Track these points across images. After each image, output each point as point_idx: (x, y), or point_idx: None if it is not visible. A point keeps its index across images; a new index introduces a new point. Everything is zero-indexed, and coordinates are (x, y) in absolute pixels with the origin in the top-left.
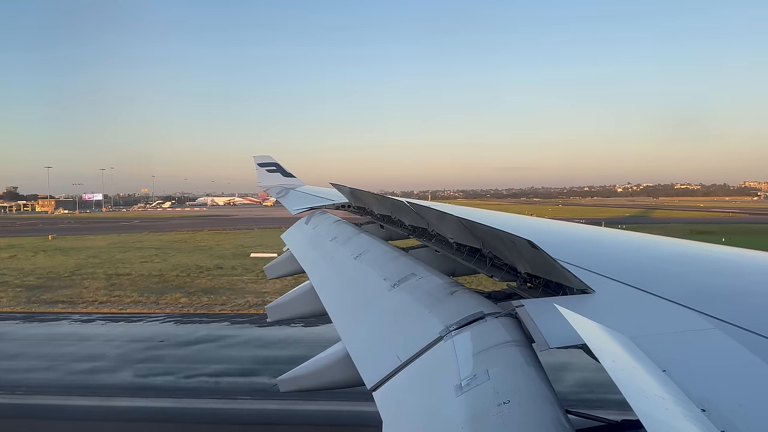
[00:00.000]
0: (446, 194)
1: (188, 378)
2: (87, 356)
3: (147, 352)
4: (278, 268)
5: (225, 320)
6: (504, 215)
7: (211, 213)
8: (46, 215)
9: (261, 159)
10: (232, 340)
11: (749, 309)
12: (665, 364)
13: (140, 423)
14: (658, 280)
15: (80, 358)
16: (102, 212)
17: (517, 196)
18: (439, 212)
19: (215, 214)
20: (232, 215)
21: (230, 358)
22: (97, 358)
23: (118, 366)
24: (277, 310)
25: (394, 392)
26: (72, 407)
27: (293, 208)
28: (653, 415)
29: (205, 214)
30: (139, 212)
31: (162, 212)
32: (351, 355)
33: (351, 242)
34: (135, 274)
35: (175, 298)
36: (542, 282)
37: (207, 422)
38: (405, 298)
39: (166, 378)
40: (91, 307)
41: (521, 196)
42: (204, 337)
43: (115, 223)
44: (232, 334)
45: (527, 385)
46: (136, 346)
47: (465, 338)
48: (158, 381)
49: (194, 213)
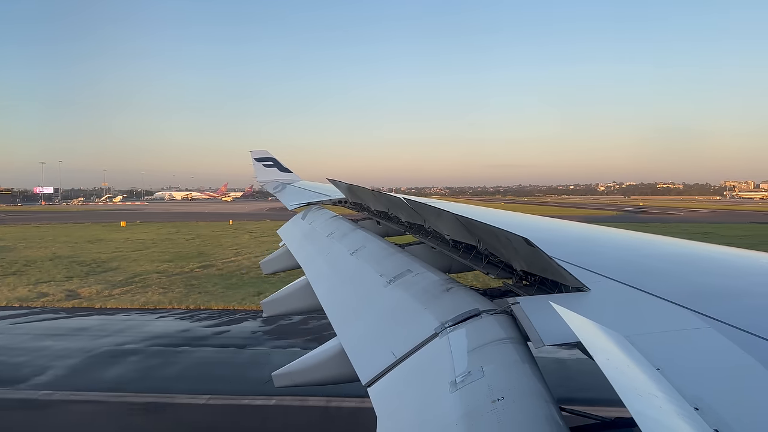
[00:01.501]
0: (431, 191)
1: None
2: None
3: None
4: (274, 263)
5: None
6: (501, 212)
7: (133, 208)
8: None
9: (258, 154)
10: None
11: (744, 309)
12: (659, 362)
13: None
14: (654, 279)
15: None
16: (41, 205)
17: (504, 194)
18: (435, 209)
19: (138, 209)
20: (153, 210)
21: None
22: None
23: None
24: (273, 305)
25: (389, 388)
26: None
27: (290, 203)
28: (647, 413)
29: (125, 208)
30: (78, 206)
31: (95, 206)
32: (346, 350)
33: (347, 238)
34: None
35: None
36: (538, 279)
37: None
38: (401, 295)
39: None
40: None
41: (508, 193)
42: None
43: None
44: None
45: (522, 382)
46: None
47: (460, 335)
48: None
49: (119, 207)
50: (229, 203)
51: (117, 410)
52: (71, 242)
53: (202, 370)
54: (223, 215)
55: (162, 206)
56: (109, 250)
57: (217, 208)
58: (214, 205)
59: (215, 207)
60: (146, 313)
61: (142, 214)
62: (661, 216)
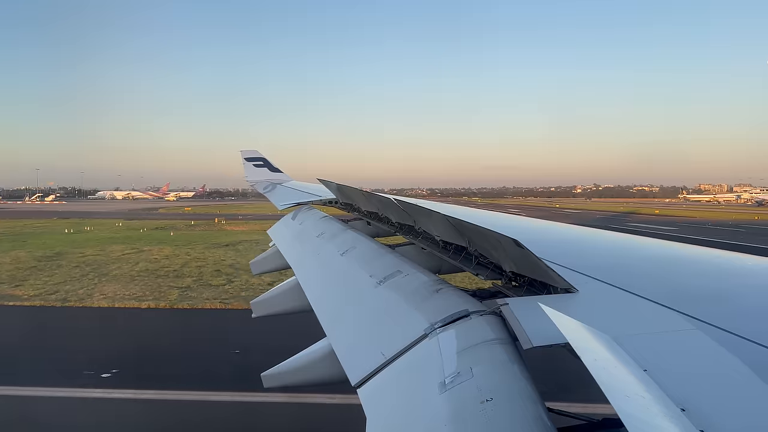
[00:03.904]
0: (414, 193)
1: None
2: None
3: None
4: (264, 264)
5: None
6: (491, 214)
7: (52, 208)
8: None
9: (248, 153)
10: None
11: (729, 310)
12: (646, 363)
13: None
14: (641, 281)
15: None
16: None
17: (487, 196)
18: (426, 210)
19: (55, 209)
20: (44, 209)
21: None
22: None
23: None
24: (263, 306)
25: (378, 389)
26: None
27: (280, 203)
28: (634, 414)
29: (41, 208)
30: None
31: (22, 205)
32: (336, 351)
33: (337, 238)
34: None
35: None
36: (527, 281)
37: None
38: (391, 295)
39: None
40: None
41: (492, 196)
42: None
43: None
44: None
45: (510, 383)
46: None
47: (449, 336)
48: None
49: (37, 208)
50: (173, 202)
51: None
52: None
53: None
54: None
55: (92, 205)
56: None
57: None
58: (151, 203)
59: (147, 205)
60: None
61: (49, 213)
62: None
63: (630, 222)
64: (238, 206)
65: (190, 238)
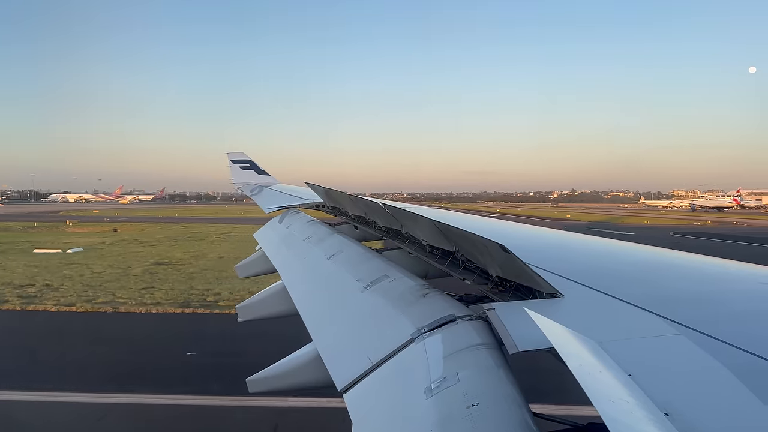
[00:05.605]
0: (394, 197)
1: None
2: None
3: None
4: (250, 267)
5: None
6: (478, 219)
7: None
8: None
9: (234, 156)
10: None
11: (712, 316)
12: (631, 368)
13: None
14: (626, 286)
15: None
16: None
17: (470, 201)
18: (413, 214)
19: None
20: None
21: None
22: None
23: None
24: (248, 310)
25: (364, 394)
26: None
27: (267, 206)
28: (618, 419)
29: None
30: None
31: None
32: (322, 356)
33: (324, 242)
34: None
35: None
36: (513, 286)
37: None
38: (377, 300)
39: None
40: None
41: (475, 200)
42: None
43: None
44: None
45: (496, 387)
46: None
47: (436, 340)
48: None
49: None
50: (126, 205)
51: None
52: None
53: None
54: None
55: (39, 207)
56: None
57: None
58: (102, 205)
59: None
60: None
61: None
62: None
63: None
64: (191, 209)
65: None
